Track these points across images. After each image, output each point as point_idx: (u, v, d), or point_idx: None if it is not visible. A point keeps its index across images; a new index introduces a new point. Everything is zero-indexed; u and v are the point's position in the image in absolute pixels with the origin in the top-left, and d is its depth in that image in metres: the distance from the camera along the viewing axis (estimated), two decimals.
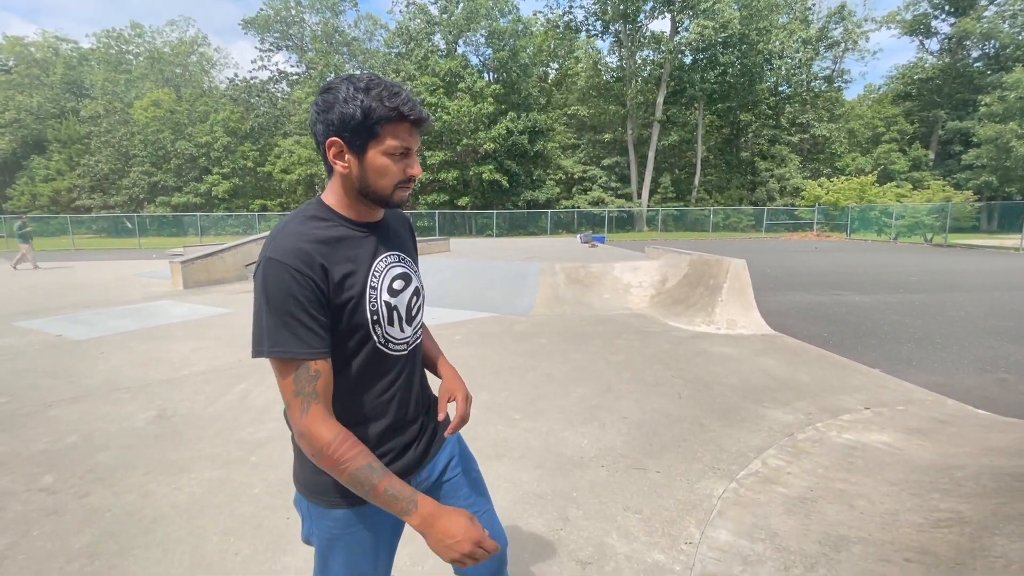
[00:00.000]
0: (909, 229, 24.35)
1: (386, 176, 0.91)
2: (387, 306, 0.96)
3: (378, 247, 0.99)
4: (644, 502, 2.31)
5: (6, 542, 2.03)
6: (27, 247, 13.82)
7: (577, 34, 35.88)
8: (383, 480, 0.85)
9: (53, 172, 37.29)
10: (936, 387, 3.85)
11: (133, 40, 44.35)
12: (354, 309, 0.91)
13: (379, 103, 0.86)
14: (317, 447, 0.85)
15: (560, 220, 33.12)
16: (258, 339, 0.86)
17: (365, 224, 0.99)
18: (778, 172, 36.09)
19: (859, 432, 2.99)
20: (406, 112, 0.87)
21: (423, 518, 0.85)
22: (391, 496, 0.85)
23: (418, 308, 1.06)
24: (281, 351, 0.84)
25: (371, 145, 0.88)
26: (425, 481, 1.09)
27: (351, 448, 0.86)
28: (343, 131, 0.87)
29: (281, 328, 0.84)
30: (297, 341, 0.84)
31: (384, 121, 0.86)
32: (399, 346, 1.00)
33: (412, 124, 0.90)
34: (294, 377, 0.85)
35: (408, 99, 0.88)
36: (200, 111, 36.04)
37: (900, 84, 41.29)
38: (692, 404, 3.50)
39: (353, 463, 0.85)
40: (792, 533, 2.04)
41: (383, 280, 0.97)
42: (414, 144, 0.92)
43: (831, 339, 5.45)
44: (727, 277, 6.05)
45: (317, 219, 0.93)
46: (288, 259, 0.84)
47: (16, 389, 3.93)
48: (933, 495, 2.24)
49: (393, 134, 0.88)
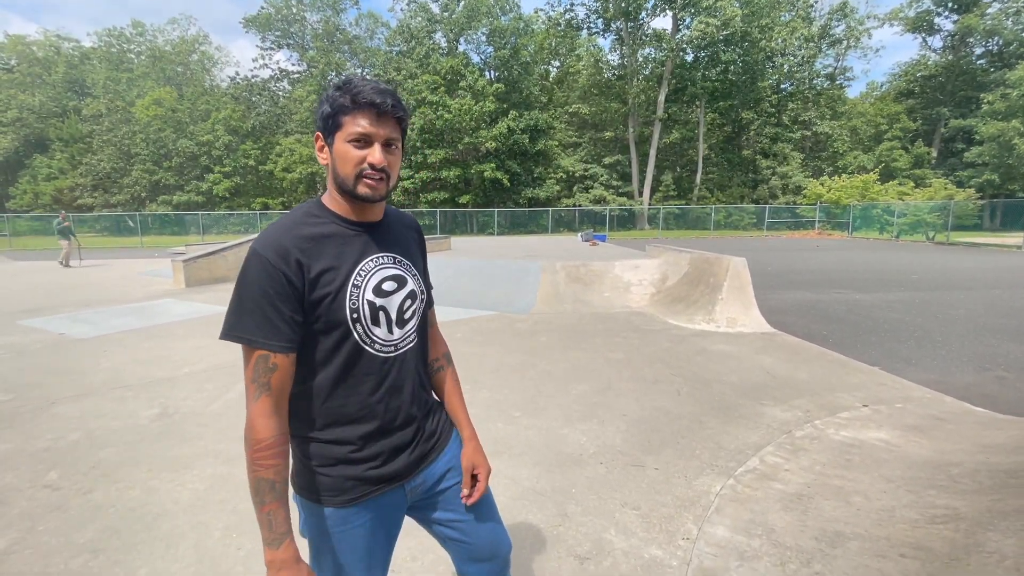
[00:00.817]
0: (911, 227, 24.31)
1: (347, 162, 0.93)
2: (371, 305, 0.97)
3: (370, 246, 1.00)
4: (642, 498, 2.33)
5: (12, 537, 2.06)
6: (67, 243, 13.91)
7: (578, 32, 35.80)
8: (273, 504, 0.88)
9: (55, 171, 37.37)
10: (934, 385, 3.86)
11: (134, 39, 44.41)
12: (330, 305, 0.93)
13: (342, 95, 0.92)
14: (249, 437, 0.89)
15: (561, 218, 33.11)
16: (226, 323, 0.90)
17: (359, 223, 1.00)
18: (780, 170, 36.02)
19: (857, 429, 3.00)
20: (361, 99, 0.91)
21: (274, 560, 0.89)
22: (268, 521, 0.88)
23: (413, 312, 1.05)
24: (244, 337, 0.89)
25: (336, 136, 0.94)
26: (420, 487, 1.08)
27: (272, 457, 0.89)
28: (321, 127, 0.96)
29: (246, 316, 0.89)
30: (259, 331, 0.88)
31: (345, 111, 0.92)
32: (386, 347, 1.00)
33: (372, 111, 0.92)
34: (253, 364, 0.90)
35: (369, 89, 0.91)
36: (201, 110, 36.09)
37: (903, 81, 41.18)
38: (691, 402, 3.52)
39: (263, 471, 0.88)
40: (789, 529, 2.06)
41: (369, 279, 0.98)
42: (376, 132, 0.93)
43: (831, 337, 5.46)
44: (727, 275, 6.06)
45: (310, 216, 0.97)
46: (266, 252, 0.89)
47: (20, 387, 3.96)
48: (929, 491, 2.26)
49: (353, 121, 0.92)
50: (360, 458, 0.98)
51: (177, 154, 35.10)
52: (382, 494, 1.01)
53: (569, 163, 36.36)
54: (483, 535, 1.15)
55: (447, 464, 1.14)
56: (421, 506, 1.12)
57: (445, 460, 1.14)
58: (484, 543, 1.15)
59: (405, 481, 1.05)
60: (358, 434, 0.98)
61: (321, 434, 0.97)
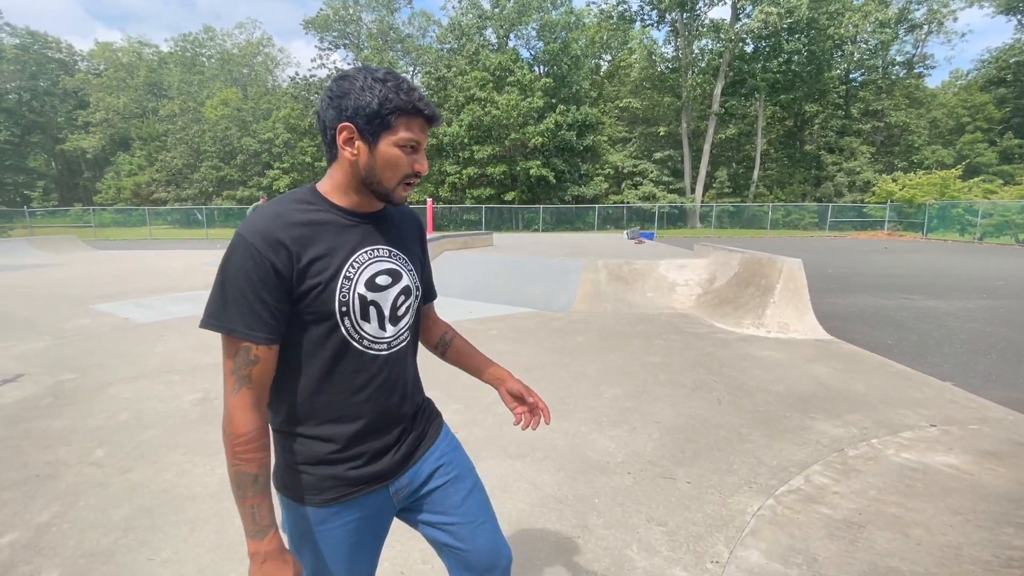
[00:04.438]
0: (997, 229, 22.11)
1: (395, 168, 0.90)
2: (361, 299, 0.92)
3: (365, 238, 0.95)
4: (670, 514, 2.18)
5: (55, 511, 2.18)
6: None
7: (631, 24, 34.85)
8: (256, 497, 0.86)
9: (135, 167, 40.48)
10: (1018, 405, 3.43)
11: (206, 43, 47.34)
12: (319, 295, 0.88)
13: (396, 94, 0.86)
14: (229, 431, 0.86)
15: (608, 216, 32.45)
16: (208, 310, 0.86)
17: (357, 214, 0.95)
18: (847, 166, 33.65)
19: (921, 452, 2.70)
20: (421, 107, 0.88)
21: (259, 551, 0.87)
22: (251, 514, 0.86)
23: (407, 308, 1.01)
24: (224, 327, 0.84)
25: (384, 135, 0.88)
26: (405, 489, 1.04)
27: (254, 451, 0.86)
28: (357, 118, 0.87)
29: (229, 305, 0.84)
30: (242, 321, 0.84)
31: (399, 112, 0.87)
32: (377, 345, 0.96)
33: (425, 120, 0.90)
34: (234, 356, 0.85)
35: (423, 96, 0.89)
36: (263, 109, 37.96)
37: (992, 68, 37.41)
38: (732, 411, 3.29)
39: (245, 465, 0.86)
40: (834, 560, 1.86)
41: (362, 271, 0.93)
42: (424, 140, 0.92)
43: (896, 347, 5.01)
44: (780, 277, 5.68)
45: (303, 202, 0.92)
46: (253, 238, 0.84)
47: (85, 367, 4.26)
48: (1006, 529, 1.98)
49: (407, 127, 0.88)
50: (341, 458, 0.94)
51: (241, 151, 37.12)
52: (364, 495, 0.97)
53: (618, 159, 35.56)
54: (480, 541, 1.08)
55: (435, 463, 1.09)
56: (411, 508, 1.08)
57: (433, 459, 1.09)
58: (481, 550, 1.08)
59: (389, 482, 1.00)
60: (342, 433, 0.94)
61: (304, 430, 0.94)
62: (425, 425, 1.10)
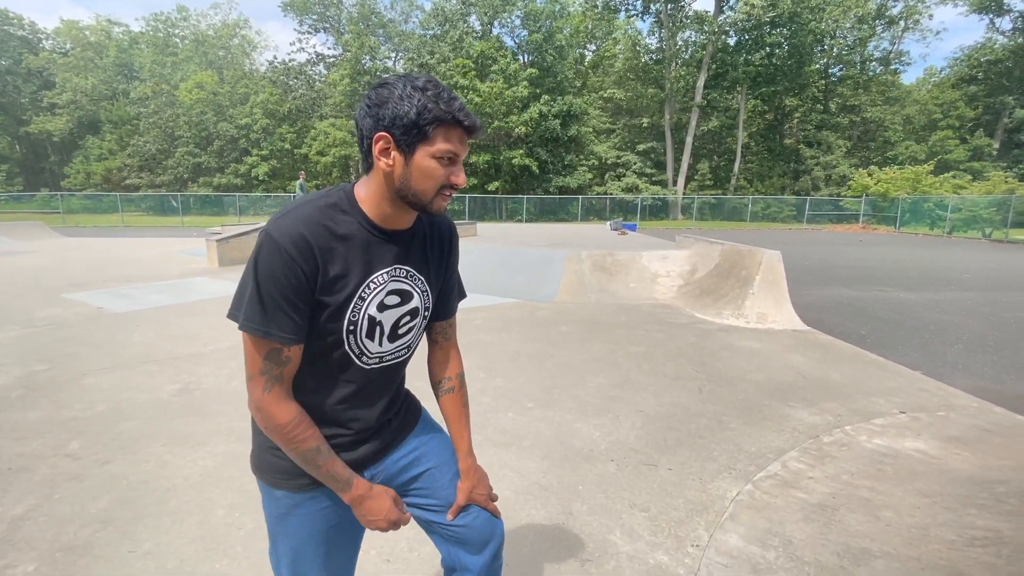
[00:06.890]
0: (965, 223, 22.84)
1: (430, 179, 0.88)
2: (370, 320, 0.94)
3: (387, 257, 0.95)
4: (652, 500, 2.23)
5: (29, 504, 2.13)
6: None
7: (616, 14, 34.80)
8: (327, 462, 0.92)
9: (105, 152, 39.07)
10: (983, 393, 3.58)
11: (179, 23, 45.71)
12: (334, 313, 0.90)
13: (435, 104, 0.83)
14: (274, 424, 0.88)
15: (592, 207, 32.57)
16: (237, 305, 0.87)
17: (387, 231, 0.94)
18: (824, 160, 34.33)
19: (892, 438, 2.81)
20: (461, 117, 0.86)
21: (353, 498, 0.95)
22: (330, 476, 0.93)
23: (409, 328, 1.02)
24: (259, 330, 0.85)
25: (420, 146, 0.85)
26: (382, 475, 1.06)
27: (305, 430, 0.90)
28: (393, 128, 0.84)
29: (261, 306, 0.85)
30: (276, 324, 0.85)
31: (437, 123, 0.84)
32: (371, 359, 0.97)
33: (464, 131, 0.88)
34: (264, 356, 0.87)
35: (464, 106, 0.87)
36: (240, 93, 36.92)
37: (965, 67, 38.38)
38: (713, 400, 3.37)
39: (305, 444, 0.90)
40: (809, 542, 1.93)
41: (376, 293, 0.93)
42: (462, 152, 0.89)
43: (869, 337, 5.17)
44: (760, 269, 5.79)
45: (337, 210, 0.90)
46: (286, 243, 0.83)
47: (58, 357, 4.14)
48: (970, 510, 2.08)
49: (445, 137, 0.86)
50: None
51: (218, 137, 36.11)
52: None
53: (602, 149, 35.63)
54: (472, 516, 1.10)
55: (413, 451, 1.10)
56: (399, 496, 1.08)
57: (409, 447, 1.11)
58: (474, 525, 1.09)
59: (364, 470, 1.02)
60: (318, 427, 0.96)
61: None
62: (404, 415, 1.12)
